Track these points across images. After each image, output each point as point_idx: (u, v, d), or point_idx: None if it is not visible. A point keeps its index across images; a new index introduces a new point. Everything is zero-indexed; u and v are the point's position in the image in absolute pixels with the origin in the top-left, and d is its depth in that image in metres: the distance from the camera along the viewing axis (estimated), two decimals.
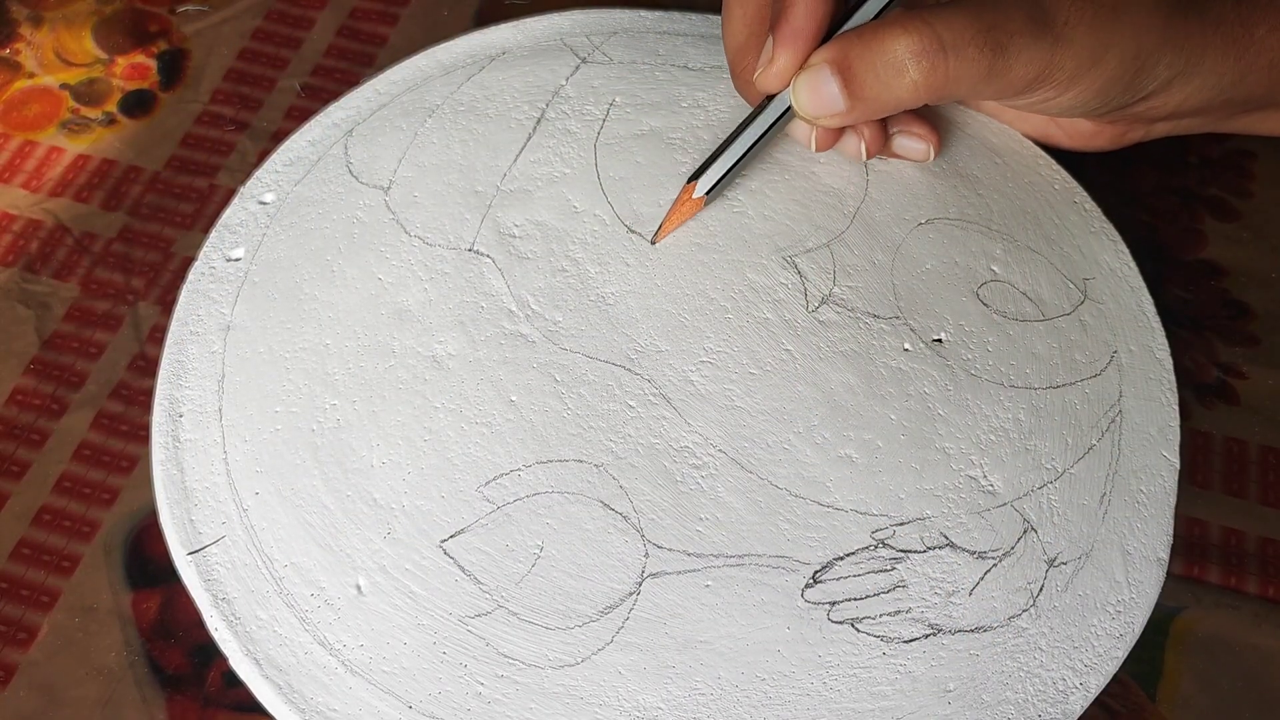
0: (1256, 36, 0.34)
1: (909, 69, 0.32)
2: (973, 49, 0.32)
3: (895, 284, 0.35)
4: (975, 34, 0.32)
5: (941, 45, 0.32)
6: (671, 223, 0.35)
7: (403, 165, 0.38)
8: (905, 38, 0.32)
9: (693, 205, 0.35)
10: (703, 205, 0.36)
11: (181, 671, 0.32)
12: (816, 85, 0.33)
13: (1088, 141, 0.39)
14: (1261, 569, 0.35)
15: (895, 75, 0.32)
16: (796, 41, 0.33)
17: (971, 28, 0.32)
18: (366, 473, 0.32)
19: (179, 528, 0.32)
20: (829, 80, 0.33)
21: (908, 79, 0.32)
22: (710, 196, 0.35)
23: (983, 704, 0.30)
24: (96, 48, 0.44)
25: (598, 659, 0.30)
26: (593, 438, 0.32)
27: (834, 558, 0.31)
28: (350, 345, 0.34)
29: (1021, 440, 0.33)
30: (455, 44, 0.41)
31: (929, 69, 0.32)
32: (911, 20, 0.32)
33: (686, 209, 0.35)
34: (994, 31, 0.32)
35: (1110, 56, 0.33)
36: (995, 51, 0.32)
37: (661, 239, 0.36)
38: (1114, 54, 0.33)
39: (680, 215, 0.35)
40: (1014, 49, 0.32)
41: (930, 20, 0.32)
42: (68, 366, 0.37)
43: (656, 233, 0.36)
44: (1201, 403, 0.38)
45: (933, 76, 0.32)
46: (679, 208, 0.35)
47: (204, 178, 0.41)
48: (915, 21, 0.32)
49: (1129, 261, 0.37)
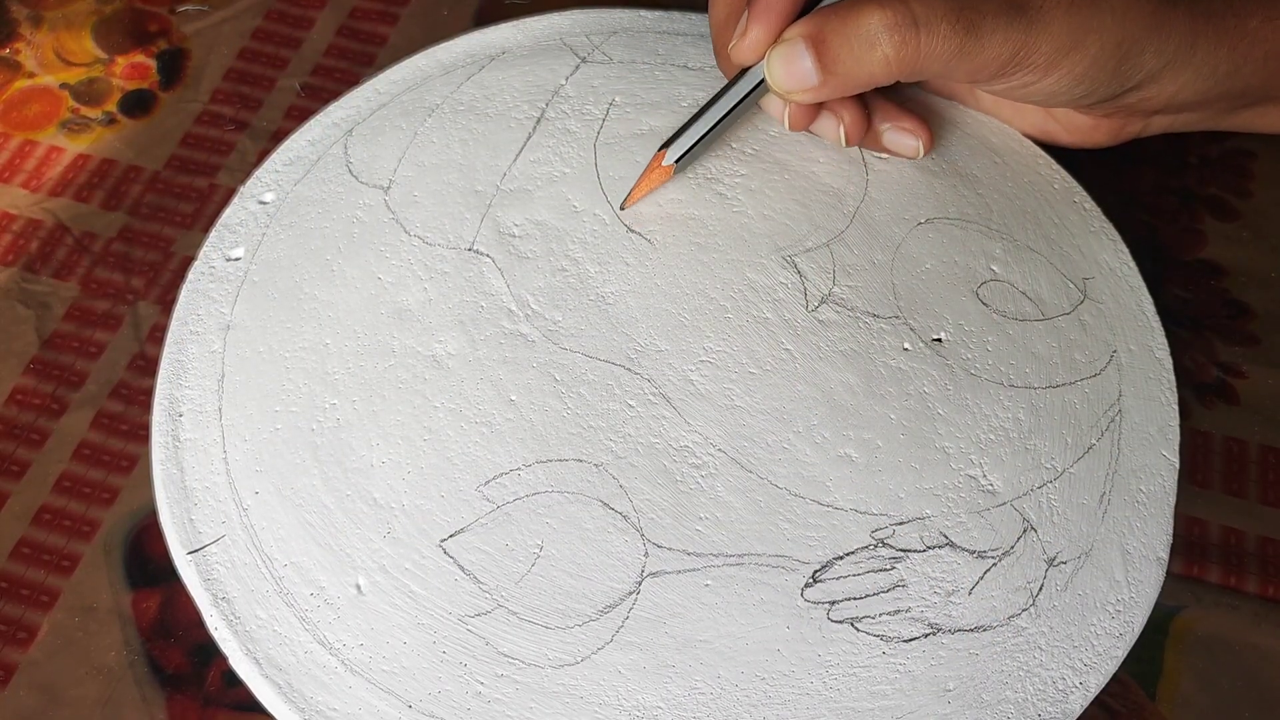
0: (1250, 28, 0.34)
1: (881, 42, 0.33)
2: (945, 25, 0.32)
3: (895, 283, 0.35)
4: (948, 11, 0.32)
5: (914, 20, 0.32)
6: (640, 190, 0.36)
7: (403, 165, 0.38)
8: (879, 12, 0.32)
9: (662, 173, 0.36)
10: (672, 174, 0.36)
11: (181, 671, 0.32)
12: (790, 59, 0.34)
13: (1086, 136, 0.39)
14: (1261, 568, 0.35)
15: (867, 49, 0.33)
16: (769, 15, 0.34)
17: (945, 5, 0.32)
18: (366, 472, 0.32)
19: (179, 527, 0.32)
20: (803, 54, 0.33)
21: (879, 53, 0.33)
22: (680, 165, 0.36)
23: (982, 703, 0.30)
24: (96, 47, 0.44)
25: (597, 658, 0.30)
26: (592, 437, 0.32)
27: (834, 557, 0.31)
28: (350, 345, 0.34)
29: (1021, 440, 0.33)
30: (455, 44, 0.41)
31: (900, 43, 0.32)
32: None
33: (655, 177, 0.36)
34: (967, 11, 0.32)
35: (1090, 41, 0.33)
36: (968, 30, 0.32)
37: (630, 205, 0.36)
38: (1094, 39, 0.33)
39: (649, 183, 0.36)
40: (986, 28, 0.33)
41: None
42: (68, 366, 0.37)
43: (625, 200, 0.36)
44: (1201, 402, 0.38)
45: (904, 50, 0.33)
46: (648, 175, 0.36)
47: (204, 177, 0.41)
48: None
49: (1129, 261, 0.37)
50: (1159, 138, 0.41)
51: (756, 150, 0.38)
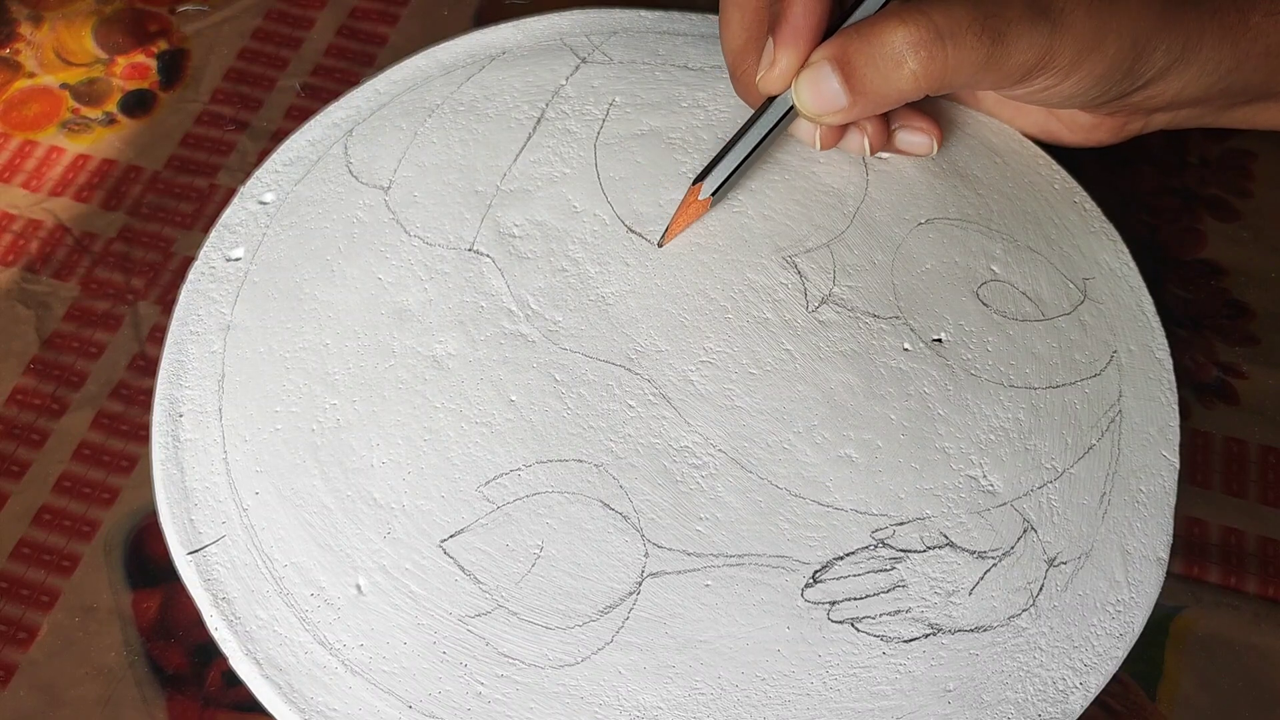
0: (1251, 23, 0.34)
1: (907, 60, 0.32)
2: (970, 36, 0.32)
3: (895, 284, 0.35)
4: (972, 22, 0.32)
5: (939, 34, 0.32)
6: (678, 225, 0.35)
7: (403, 165, 0.38)
8: (902, 29, 0.32)
9: (699, 207, 0.35)
10: (708, 207, 0.36)
11: (181, 671, 0.32)
12: (818, 83, 0.33)
13: (1087, 135, 0.38)
14: (1261, 569, 0.35)
15: (894, 67, 0.32)
16: (797, 41, 0.33)
17: (969, 16, 0.32)
18: (366, 472, 0.32)
19: (179, 527, 0.32)
20: (830, 77, 0.33)
21: (907, 70, 0.32)
22: (716, 198, 0.35)
23: (983, 703, 0.30)
24: (96, 47, 0.44)
25: (598, 659, 0.30)
26: (593, 437, 0.32)
27: (834, 557, 0.31)
28: (350, 345, 0.34)
29: (1021, 440, 0.33)
30: (455, 44, 0.41)
31: (927, 59, 0.32)
32: (908, 11, 0.32)
33: (692, 211, 0.35)
34: (991, 19, 0.32)
35: (1109, 42, 0.33)
36: (993, 39, 0.32)
37: (668, 242, 0.36)
38: (1112, 39, 0.33)
39: (686, 218, 0.35)
40: (1012, 36, 0.32)
41: (927, 10, 0.32)
42: (68, 366, 0.37)
43: (663, 236, 0.36)
44: (1201, 402, 0.38)
45: (931, 66, 0.32)
46: (684, 210, 0.35)
47: (204, 177, 0.41)
48: (912, 12, 0.32)
49: (1129, 261, 0.37)
50: (1159, 138, 0.41)
51: None
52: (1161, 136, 0.40)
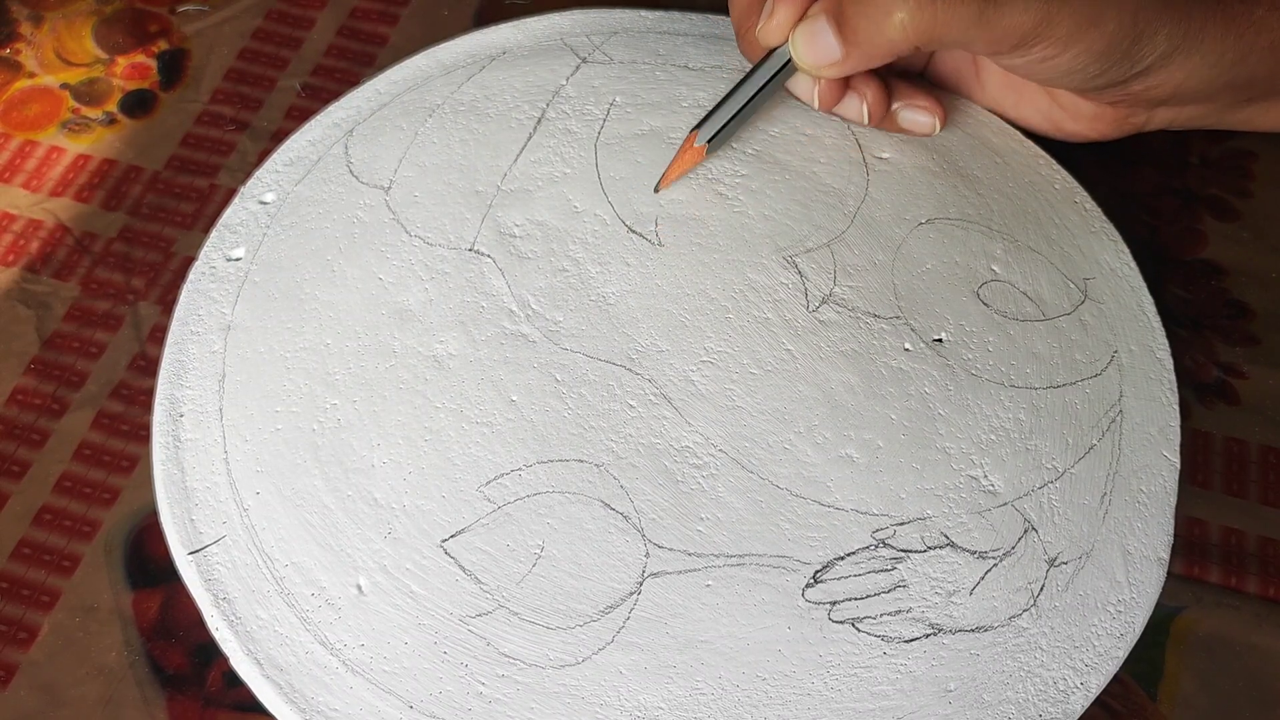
0: (1256, 16, 0.34)
1: (896, 9, 0.33)
2: None
3: (896, 284, 0.35)
4: None
5: None
6: (674, 171, 0.37)
7: (403, 165, 0.38)
8: None
9: (694, 154, 0.36)
10: (704, 155, 0.37)
11: (182, 671, 0.32)
12: (813, 34, 0.35)
13: (1090, 125, 0.39)
14: (1262, 569, 0.35)
15: (884, 16, 0.33)
16: None
17: None
18: (367, 472, 0.32)
19: (179, 527, 0.32)
20: (825, 29, 0.34)
21: (896, 18, 0.33)
22: (712, 146, 0.36)
23: (983, 704, 0.30)
24: (97, 47, 0.44)
25: (598, 659, 0.30)
26: (593, 438, 0.32)
27: (835, 557, 0.31)
28: (351, 345, 0.34)
29: (1022, 440, 0.33)
30: (455, 44, 0.41)
31: (915, 8, 0.33)
32: None
33: (688, 158, 0.37)
34: None
35: (1109, 17, 0.33)
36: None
37: (664, 188, 0.36)
38: (1112, 14, 0.33)
39: (682, 164, 0.37)
40: None
41: None
42: (68, 366, 0.37)
43: (659, 182, 0.36)
44: (1202, 402, 0.38)
45: (919, 15, 0.33)
46: (682, 156, 0.36)
47: (204, 178, 0.41)
48: None
49: (1129, 261, 0.37)
50: (1160, 137, 0.41)
51: (757, 150, 0.38)
52: (1162, 136, 0.40)
